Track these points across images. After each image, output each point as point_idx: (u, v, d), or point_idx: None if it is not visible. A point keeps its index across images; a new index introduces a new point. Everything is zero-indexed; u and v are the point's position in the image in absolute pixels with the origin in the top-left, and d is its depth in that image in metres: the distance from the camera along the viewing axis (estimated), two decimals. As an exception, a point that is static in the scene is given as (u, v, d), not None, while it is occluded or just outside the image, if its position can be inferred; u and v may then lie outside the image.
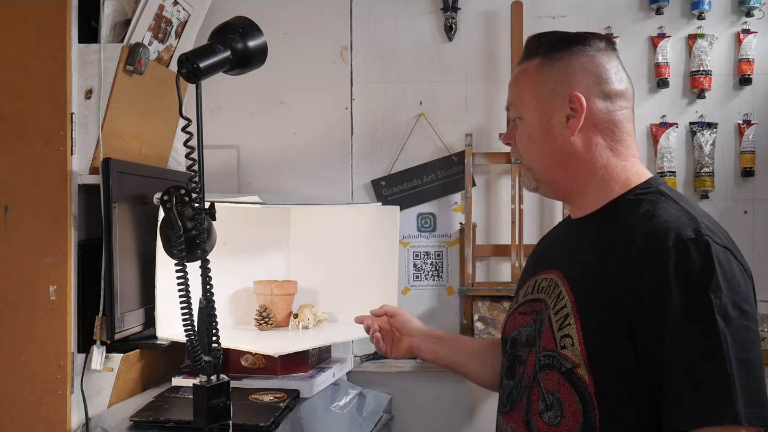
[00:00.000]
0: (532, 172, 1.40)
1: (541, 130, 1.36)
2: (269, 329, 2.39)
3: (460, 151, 2.75)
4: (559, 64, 1.35)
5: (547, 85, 1.35)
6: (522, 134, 1.39)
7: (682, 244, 1.19)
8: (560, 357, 1.26)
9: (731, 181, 2.74)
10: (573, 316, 1.26)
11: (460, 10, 2.77)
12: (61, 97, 1.97)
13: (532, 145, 1.37)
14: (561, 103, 1.34)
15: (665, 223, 1.24)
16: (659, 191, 1.33)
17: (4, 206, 1.96)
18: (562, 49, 1.36)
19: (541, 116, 1.36)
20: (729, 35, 2.73)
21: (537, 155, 1.38)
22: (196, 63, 1.30)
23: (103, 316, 1.98)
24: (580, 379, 1.24)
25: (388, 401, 2.65)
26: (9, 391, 1.96)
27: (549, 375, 1.28)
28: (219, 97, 2.76)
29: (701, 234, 1.20)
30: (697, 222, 1.23)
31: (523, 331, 1.40)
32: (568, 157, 1.35)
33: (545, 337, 1.30)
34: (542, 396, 1.29)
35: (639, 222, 1.27)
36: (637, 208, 1.30)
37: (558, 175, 1.38)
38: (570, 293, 1.29)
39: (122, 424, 1.98)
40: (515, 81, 1.41)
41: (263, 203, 2.20)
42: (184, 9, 2.32)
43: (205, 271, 1.34)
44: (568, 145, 1.35)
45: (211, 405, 1.40)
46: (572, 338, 1.25)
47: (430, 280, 2.80)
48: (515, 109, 1.40)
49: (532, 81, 1.37)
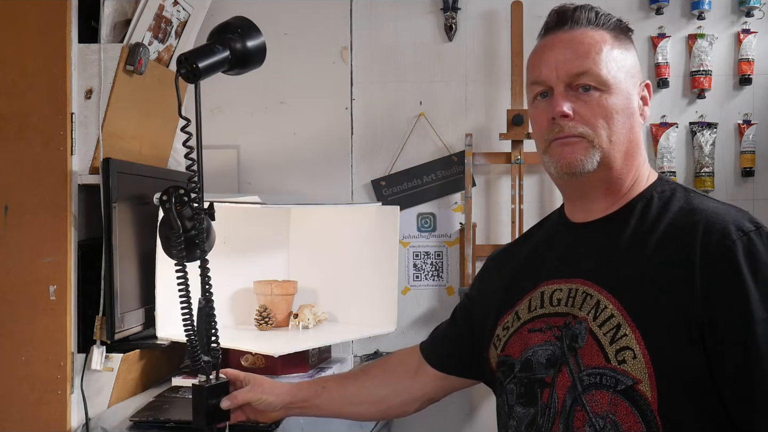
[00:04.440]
0: (602, 150, 1.23)
1: (628, 109, 1.24)
2: (269, 329, 2.39)
3: (460, 151, 2.75)
4: (631, 47, 1.28)
5: (627, 64, 1.26)
6: (606, 106, 1.23)
7: (746, 237, 1.13)
8: (617, 373, 1.15)
9: (731, 181, 2.74)
10: (628, 326, 1.15)
11: (460, 10, 2.77)
12: (61, 97, 1.97)
13: (616, 121, 1.23)
14: (638, 88, 1.27)
15: (716, 215, 1.17)
16: (682, 187, 1.27)
17: (4, 206, 1.96)
18: (626, 33, 1.29)
19: (628, 95, 1.25)
20: (729, 35, 2.73)
21: (618, 133, 1.23)
22: (195, 63, 1.30)
23: (103, 316, 1.98)
24: (642, 396, 1.13)
25: (388, 401, 2.65)
26: (9, 391, 1.95)
27: (597, 395, 1.16)
28: (219, 97, 2.76)
29: (759, 225, 1.15)
30: (748, 213, 1.18)
31: (540, 350, 1.25)
32: (635, 146, 1.26)
33: (587, 354, 1.18)
34: (589, 421, 1.16)
35: (682, 218, 1.19)
36: (668, 204, 1.23)
37: (619, 162, 1.25)
38: (615, 302, 1.18)
39: (122, 424, 1.98)
40: (587, 48, 1.24)
41: (263, 203, 2.20)
42: (184, 9, 2.32)
43: (204, 271, 1.34)
44: (638, 133, 1.27)
45: (210, 405, 1.40)
46: (633, 350, 1.14)
47: (430, 280, 2.80)
48: (594, 78, 1.23)
49: (613, 53, 1.25)
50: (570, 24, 1.26)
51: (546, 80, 1.26)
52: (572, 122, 1.23)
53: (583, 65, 1.23)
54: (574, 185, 1.28)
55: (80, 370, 1.99)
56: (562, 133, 1.23)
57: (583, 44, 1.25)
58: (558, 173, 1.26)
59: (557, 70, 1.24)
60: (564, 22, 1.27)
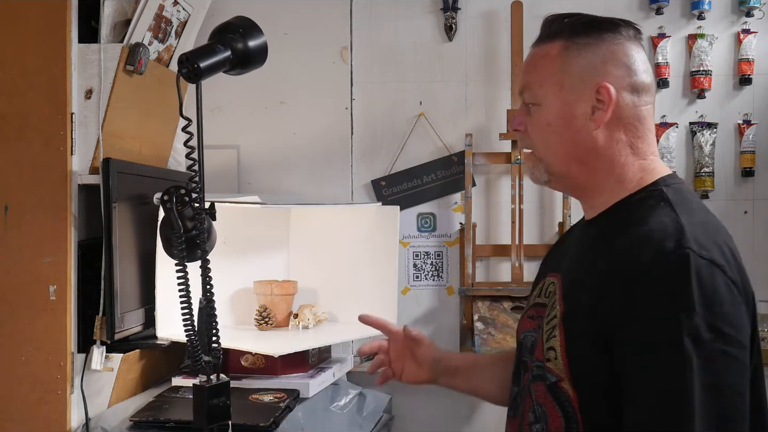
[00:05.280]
0: (545, 164, 1.28)
1: (562, 120, 1.25)
2: (269, 329, 2.39)
3: (460, 151, 2.75)
4: (587, 50, 1.24)
5: (573, 71, 1.24)
6: (538, 122, 1.27)
7: (659, 256, 1.10)
8: (546, 369, 1.21)
9: (731, 181, 2.74)
10: (559, 328, 1.19)
11: (460, 10, 2.77)
12: (61, 97, 1.97)
13: (549, 134, 1.26)
14: (587, 92, 1.23)
15: (649, 232, 1.15)
16: (661, 195, 1.22)
17: (4, 206, 1.96)
18: (591, 34, 1.25)
19: (563, 105, 1.24)
20: (729, 35, 2.73)
21: (554, 146, 1.26)
22: (197, 63, 1.30)
23: (103, 316, 1.98)
24: (565, 393, 1.18)
25: (388, 401, 2.65)
26: (9, 391, 1.96)
27: (538, 386, 1.23)
28: (219, 97, 2.76)
29: (682, 246, 1.10)
30: (683, 233, 1.12)
31: (529, 336, 1.32)
32: (588, 152, 1.25)
33: (538, 346, 1.24)
34: (533, 407, 1.24)
35: (629, 228, 1.19)
36: (636, 212, 1.22)
37: (574, 170, 1.27)
38: (561, 301, 1.22)
39: (122, 424, 1.98)
40: (533, 64, 1.28)
41: (263, 203, 2.20)
42: (184, 9, 2.32)
43: (205, 271, 1.34)
44: (589, 139, 1.24)
45: (211, 405, 1.40)
46: (555, 351, 1.19)
47: (430, 280, 2.80)
48: (531, 94, 1.27)
49: (555, 65, 1.25)
50: (540, 38, 1.30)
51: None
52: (524, 135, 1.31)
53: (523, 82, 1.30)
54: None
55: (80, 370, 1.99)
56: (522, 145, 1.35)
57: (531, 60, 1.30)
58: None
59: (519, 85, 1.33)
60: (540, 36, 1.31)
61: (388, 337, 1.64)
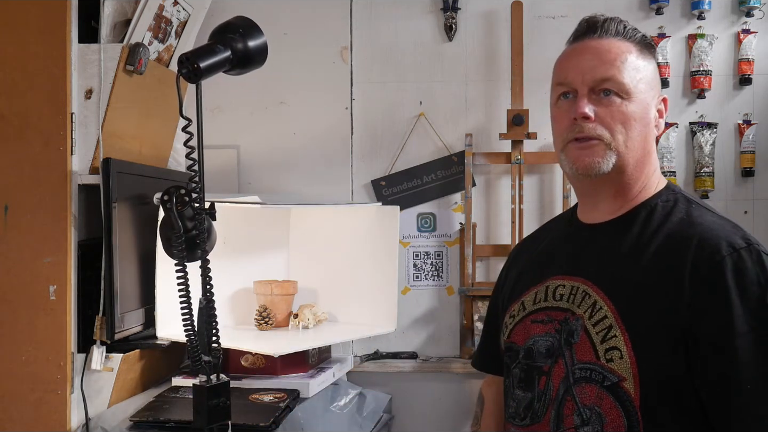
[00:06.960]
0: (617, 153, 1.30)
1: (645, 118, 1.32)
2: (269, 329, 2.39)
3: (460, 151, 2.75)
4: (651, 60, 1.35)
5: (649, 76, 1.34)
6: (624, 113, 1.30)
7: (736, 253, 1.20)
8: (604, 370, 1.23)
9: (731, 181, 2.74)
10: (619, 328, 1.23)
11: (460, 10, 2.77)
12: (61, 97, 1.97)
13: (634, 127, 1.30)
14: (656, 100, 1.35)
15: (711, 231, 1.24)
16: (685, 197, 1.33)
17: (4, 206, 1.96)
18: (650, 49, 1.36)
19: (648, 103, 1.33)
20: (729, 35, 2.73)
21: (635, 139, 1.31)
22: (197, 63, 1.30)
23: (103, 316, 1.98)
24: (626, 392, 1.22)
25: (388, 401, 2.65)
26: (9, 391, 1.96)
27: (586, 389, 1.25)
28: (219, 97, 2.76)
29: (751, 242, 1.22)
30: (743, 230, 1.25)
31: (541, 340, 1.33)
32: (647, 153, 1.34)
33: (581, 349, 1.27)
34: (578, 410, 1.25)
35: (680, 230, 1.26)
36: (669, 214, 1.30)
37: (632, 167, 1.32)
38: (610, 304, 1.26)
39: (122, 424, 1.98)
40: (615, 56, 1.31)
41: (263, 203, 2.20)
42: (184, 9, 2.32)
43: (205, 271, 1.34)
44: (651, 142, 1.34)
45: (211, 405, 1.40)
46: (621, 351, 1.22)
47: (430, 280, 2.80)
48: (617, 84, 1.30)
49: (638, 64, 1.32)
50: (599, 33, 1.34)
51: (571, 83, 1.32)
52: (592, 124, 1.30)
53: (607, 72, 1.30)
54: (587, 185, 1.36)
55: (80, 370, 1.99)
56: (582, 134, 1.30)
57: (609, 52, 1.32)
58: (574, 174, 1.34)
59: (583, 75, 1.31)
60: (593, 31, 1.34)
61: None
